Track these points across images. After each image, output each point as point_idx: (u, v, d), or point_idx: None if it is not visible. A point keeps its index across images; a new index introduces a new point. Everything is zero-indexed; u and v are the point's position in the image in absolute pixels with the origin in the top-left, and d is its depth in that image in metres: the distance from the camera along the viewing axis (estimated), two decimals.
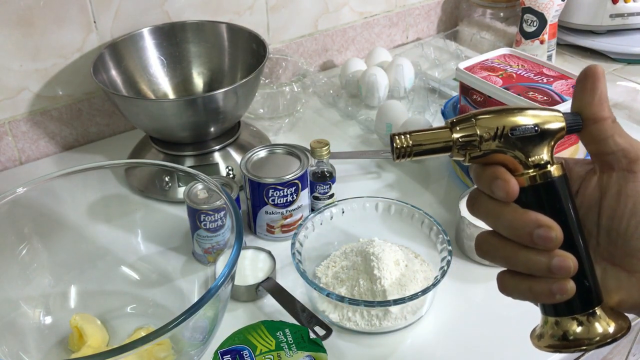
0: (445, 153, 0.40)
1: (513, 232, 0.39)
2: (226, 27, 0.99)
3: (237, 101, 0.86)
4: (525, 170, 0.40)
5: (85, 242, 0.74)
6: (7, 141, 0.97)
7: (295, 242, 0.72)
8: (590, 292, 0.40)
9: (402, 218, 0.77)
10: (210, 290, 0.54)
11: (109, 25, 0.97)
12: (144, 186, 0.87)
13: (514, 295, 0.41)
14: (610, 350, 0.80)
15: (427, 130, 0.40)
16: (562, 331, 0.41)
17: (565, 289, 0.39)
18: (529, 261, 0.39)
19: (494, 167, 0.40)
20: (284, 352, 0.59)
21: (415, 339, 0.69)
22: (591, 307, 0.40)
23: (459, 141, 0.40)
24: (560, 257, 0.38)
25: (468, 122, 0.40)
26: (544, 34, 1.15)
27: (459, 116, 0.40)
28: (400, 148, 0.40)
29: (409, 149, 0.40)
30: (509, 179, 0.39)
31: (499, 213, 0.40)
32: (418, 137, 0.40)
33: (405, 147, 0.40)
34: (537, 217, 0.38)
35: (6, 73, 0.92)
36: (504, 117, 0.40)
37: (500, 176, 0.39)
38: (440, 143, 0.40)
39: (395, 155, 0.40)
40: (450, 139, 0.40)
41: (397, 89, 1.11)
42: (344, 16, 1.21)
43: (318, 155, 0.83)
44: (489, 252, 0.41)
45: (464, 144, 0.40)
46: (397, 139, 0.40)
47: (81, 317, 0.67)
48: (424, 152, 0.40)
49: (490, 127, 0.39)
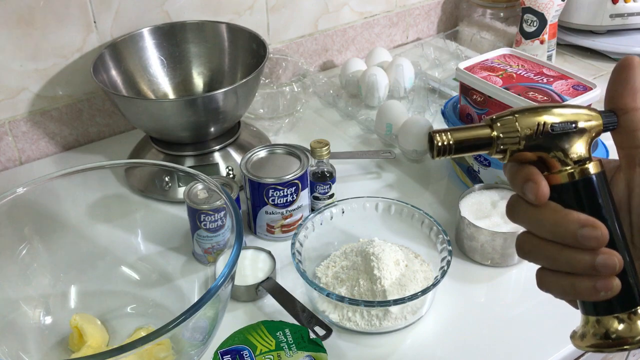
0: (484, 151, 0.40)
1: (556, 234, 0.39)
2: (226, 27, 0.99)
3: (237, 101, 0.86)
4: (564, 167, 0.39)
5: (85, 242, 0.74)
6: (7, 141, 0.97)
7: (295, 242, 0.72)
8: (632, 290, 0.40)
9: (402, 218, 0.77)
10: (210, 290, 0.54)
11: (109, 25, 0.97)
12: (144, 186, 0.87)
13: (554, 292, 0.41)
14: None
15: (467, 128, 0.40)
16: (604, 329, 0.40)
17: (610, 286, 0.38)
18: (573, 260, 0.38)
19: (527, 168, 0.40)
20: (284, 352, 0.59)
21: (415, 339, 0.69)
22: (633, 305, 0.40)
23: (500, 138, 0.39)
24: (605, 255, 0.38)
25: (509, 118, 0.39)
26: (544, 34, 1.15)
27: (499, 113, 0.40)
28: (441, 146, 0.39)
29: (449, 147, 0.39)
30: (540, 181, 0.39)
31: (540, 216, 0.39)
32: (459, 135, 0.40)
33: (445, 145, 0.39)
34: (579, 216, 0.38)
35: (6, 73, 0.92)
36: (543, 114, 0.39)
37: (532, 178, 0.39)
38: (480, 141, 0.40)
39: (435, 153, 0.40)
40: (491, 136, 0.39)
41: (397, 89, 1.11)
42: (344, 16, 1.21)
43: (318, 155, 0.83)
44: (531, 252, 0.41)
45: (505, 141, 0.39)
46: (438, 137, 0.39)
47: (81, 317, 0.67)
48: (463, 150, 0.40)
49: (531, 123, 0.39)
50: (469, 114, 0.87)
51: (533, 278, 0.82)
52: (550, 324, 0.70)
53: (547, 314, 0.71)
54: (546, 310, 0.71)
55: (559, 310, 0.72)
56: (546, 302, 0.73)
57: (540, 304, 0.73)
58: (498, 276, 0.77)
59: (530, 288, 0.76)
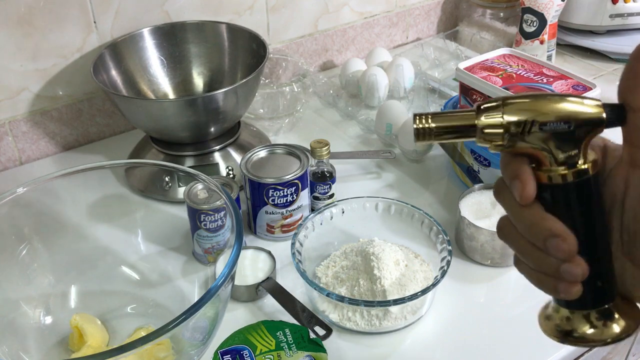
0: (469, 138, 0.38)
1: (528, 234, 0.38)
2: (226, 27, 0.99)
3: (237, 101, 0.86)
4: (553, 167, 0.37)
5: (85, 242, 0.74)
6: (7, 141, 0.97)
7: (295, 242, 0.72)
8: (601, 291, 0.39)
9: (402, 218, 0.77)
10: (210, 290, 0.54)
11: (109, 26, 0.97)
12: (144, 186, 0.87)
13: (525, 276, 0.42)
14: (610, 350, 0.80)
15: (451, 114, 0.38)
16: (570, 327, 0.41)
17: (569, 292, 0.38)
18: (540, 260, 0.38)
19: (519, 162, 0.38)
20: (284, 352, 0.59)
21: (415, 339, 0.69)
22: (602, 304, 0.39)
23: (483, 131, 0.37)
24: (570, 265, 0.37)
25: (496, 110, 0.37)
26: (543, 34, 1.15)
27: (487, 101, 0.38)
28: (419, 129, 0.38)
29: (429, 130, 0.38)
30: (527, 181, 0.37)
31: (519, 211, 0.38)
32: (440, 119, 0.38)
33: (425, 129, 0.38)
34: (552, 225, 0.37)
35: (6, 73, 0.92)
36: (535, 108, 0.37)
37: (520, 176, 0.38)
38: (463, 129, 0.38)
39: (414, 136, 0.38)
40: (474, 126, 0.38)
41: (397, 89, 1.11)
42: (344, 16, 1.21)
43: (318, 155, 0.83)
44: (508, 239, 0.41)
45: (487, 136, 0.37)
46: (418, 120, 0.38)
47: (81, 317, 0.67)
48: (445, 136, 0.38)
49: (517, 119, 0.37)
50: None
51: None
52: None
53: None
54: None
55: None
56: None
57: (540, 304, 0.72)
58: (498, 276, 0.77)
59: (530, 288, 0.75)
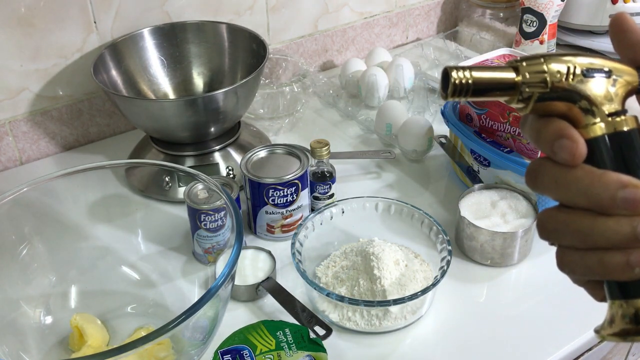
0: (505, 96, 0.36)
1: (591, 199, 0.33)
2: (226, 28, 1.00)
3: (237, 101, 0.86)
4: (596, 119, 0.35)
5: (85, 242, 0.74)
6: (8, 141, 0.97)
7: (295, 242, 0.72)
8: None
9: (402, 218, 0.77)
10: (211, 290, 0.54)
11: (109, 26, 0.97)
12: (145, 186, 0.87)
13: (577, 272, 0.36)
14: (610, 350, 0.80)
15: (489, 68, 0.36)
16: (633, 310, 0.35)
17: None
18: (608, 230, 0.33)
19: (557, 121, 0.35)
20: (284, 351, 0.59)
21: (415, 338, 0.69)
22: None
23: (526, 81, 0.35)
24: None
25: (536, 60, 0.35)
26: (543, 34, 1.15)
27: (524, 55, 0.36)
28: (457, 84, 0.35)
29: (467, 86, 0.35)
30: (576, 138, 0.34)
31: (569, 180, 0.34)
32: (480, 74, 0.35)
33: (463, 84, 0.35)
34: (619, 177, 0.33)
35: (6, 73, 0.93)
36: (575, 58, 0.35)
37: (565, 134, 0.34)
38: (503, 83, 0.35)
39: (449, 91, 0.35)
40: (515, 80, 0.35)
41: (397, 89, 1.11)
42: (344, 16, 1.22)
43: (318, 155, 0.83)
44: (557, 230, 0.35)
45: (530, 84, 0.35)
46: (455, 74, 0.35)
47: (81, 317, 0.67)
48: (482, 93, 0.36)
49: (561, 66, 0.35)
50: (468, 114, 0.87)
51: (533, 278, 0.82)
52: (550, 324, 0.70)
53: (546, 313, 0.71)
54: (546, 310, 0.71)
55: (559, 310, 0.73)
56: (546, 302, 0.73)
57: (540, 304, 0.73)
58: (498, 276, 0.77)
59: (530, 288, 0.76)
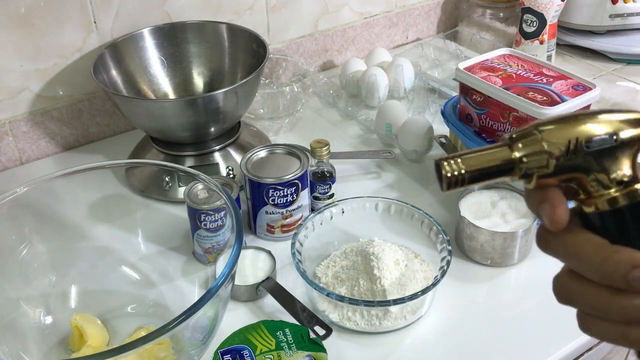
0: (505, 177, 0.34)
1: (604, 277, 0.32)
2: (226, 27, 1.00)
3: (237, 101, 0.86)
4: (606, 191, 0.33)
5: (85, 242, 0.74)
6: (8, 141, 0.97)
7: (295, 242, 0.72)
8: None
9: (402, 218, 0.77)
10: (211, 290, 0.54)
11: (109, 26, 0.97)
12: (145, 186, 0.87)
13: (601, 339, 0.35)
14: (610, 350, 0.80)
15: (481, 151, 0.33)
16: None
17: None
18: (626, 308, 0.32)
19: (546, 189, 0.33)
20: (284, 351, 0.59)
21: (415, 338, 0.69)
22: None
23: (523, 161, 0.33)
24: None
25: (531, 136, 0.33)
26: (543, 34, 1.15)
27: (517, 130, 0.34)
28: (451, 177, 0.33)
29: (461, 176, 0.33)
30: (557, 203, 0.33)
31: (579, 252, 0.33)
32: (471, 160, 0.33)
33: (457, 175, 0.33)
34: (631, 255, 0.31)
35: (7, 73, 0.93)
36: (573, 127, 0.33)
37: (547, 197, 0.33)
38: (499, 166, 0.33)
39: (445, 185, 0.33)
40: (512, 159, 0.33)
41: (397, 89, 1.11)
42: (344, 16, 1.22)
43: (318, 155, 0.83)
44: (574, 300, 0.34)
45: (530, 164, 0.33)
46: (447, 166, 0.33)
47: (81, 317, 0.67)
48: (479, 179, 0.33)
49: (560, 140, 0.32)
50: (468, 114, 0.87)
51: (533, 278, 0.82)
52: (550, 324, 0.70)
53: (547, 314, 0.71)
54: (546, 310, 0.71)
55: (559, 310, 0.72)
56: (546, 302, 0.73)
57: (540, 304, 0.73)
58: (498, 276, 0.77)
59: (530, 288, 0.76)
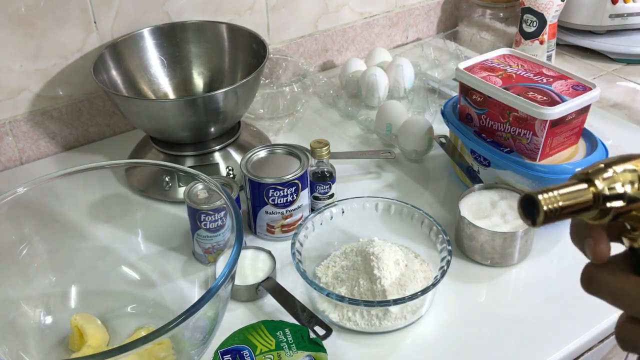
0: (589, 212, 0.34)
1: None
2: (226, 28, 1.00)
3: (237, 101, 0.86)
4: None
5: (85, 242, 0.74)
6: (8, 141, 0.97)
7: (295, 242, 0.72)
8: None
9: (402, 218, 0.77)
10: (211, 290, 0.54)
11: (109, 26, 0.97)
12: (144, 186, 0.87)
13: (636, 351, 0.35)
14: (610, 350, 0.80)
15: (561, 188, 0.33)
16: None
17: None
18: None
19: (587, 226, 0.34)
20: (284, 351, 0.59)
21: (415, 338, 0.69)
22: None
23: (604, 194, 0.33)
24: None
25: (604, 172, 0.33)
26: (543, 34, 1.15)
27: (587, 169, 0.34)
28: (548, 212, 0.32)
29: (559, 211, 0.33)
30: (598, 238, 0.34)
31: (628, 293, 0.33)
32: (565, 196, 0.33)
33: (555, 210, 0.33)
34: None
35: (7, 73, 0.93)
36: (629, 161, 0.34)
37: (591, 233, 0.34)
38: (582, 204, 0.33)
39: (540, 220, 0.33)
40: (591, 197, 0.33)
41: (397, 89, 1.11)
42: (344, 16, 1.22)
43: (318, 155, 0.83)
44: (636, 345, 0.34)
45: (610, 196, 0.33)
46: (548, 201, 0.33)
47: (81, 317, 0.67)
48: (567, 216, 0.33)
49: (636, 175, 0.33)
50: (468, 114, 0.87)
51: (533, 278, 0.82)
52: (550, 324, 0.70)
53: (547, 314, 0.71)
54: (546, 310, 0.71)
55: (559, 310, 0.73)
56: (546, 302, 0.73)
57: (540, 304, 0.73)
58: (498, 276, 0.77)
59: (530, 288, 0.76)
